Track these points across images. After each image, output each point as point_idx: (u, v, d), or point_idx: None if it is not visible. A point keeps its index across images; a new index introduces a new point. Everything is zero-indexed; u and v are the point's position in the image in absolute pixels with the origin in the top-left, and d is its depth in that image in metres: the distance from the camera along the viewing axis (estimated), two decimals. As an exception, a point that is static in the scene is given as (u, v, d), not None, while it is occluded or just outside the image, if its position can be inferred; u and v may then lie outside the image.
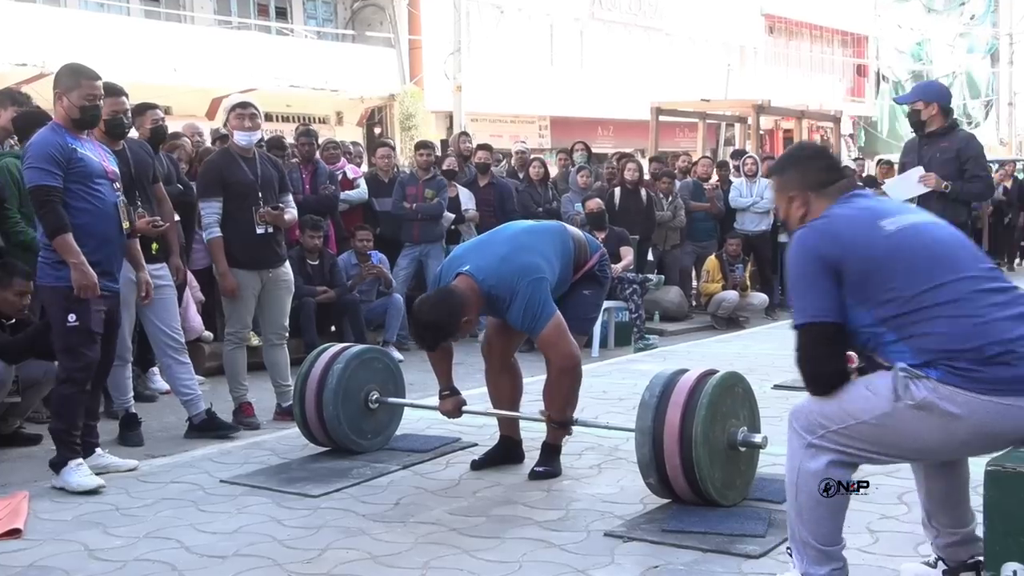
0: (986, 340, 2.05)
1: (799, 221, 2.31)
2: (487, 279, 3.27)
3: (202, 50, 13.41)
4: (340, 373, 3.70)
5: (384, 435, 3.90)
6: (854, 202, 2.26)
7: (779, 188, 2.36)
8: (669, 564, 2.60)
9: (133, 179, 4.02)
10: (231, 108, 4.46)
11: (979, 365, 2.04)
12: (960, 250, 2.19)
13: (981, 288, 2.11)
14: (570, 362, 3.30)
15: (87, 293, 3.35)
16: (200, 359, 5.68)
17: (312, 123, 12.79)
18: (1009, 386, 2.03)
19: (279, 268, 4.49)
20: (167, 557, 2.74)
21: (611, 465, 3.62)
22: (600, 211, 7.10)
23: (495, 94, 16.70)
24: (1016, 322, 2.09)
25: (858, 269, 2.13)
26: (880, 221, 2.18)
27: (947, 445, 2.13)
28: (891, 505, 3.05)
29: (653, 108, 12.55)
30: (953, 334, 2.06)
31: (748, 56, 23.68)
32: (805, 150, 2.49)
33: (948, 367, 2.05)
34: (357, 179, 7.07)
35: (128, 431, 4.15)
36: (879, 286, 2.12)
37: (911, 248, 2.14)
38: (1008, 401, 2.04)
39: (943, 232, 2.23)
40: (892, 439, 2.12)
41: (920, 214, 2.32)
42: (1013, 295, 2.15)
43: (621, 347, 6.86)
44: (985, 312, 2.08)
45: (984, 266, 2.19)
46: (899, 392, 2.08)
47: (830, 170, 2.33)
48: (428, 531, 2.92)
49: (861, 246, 2.15)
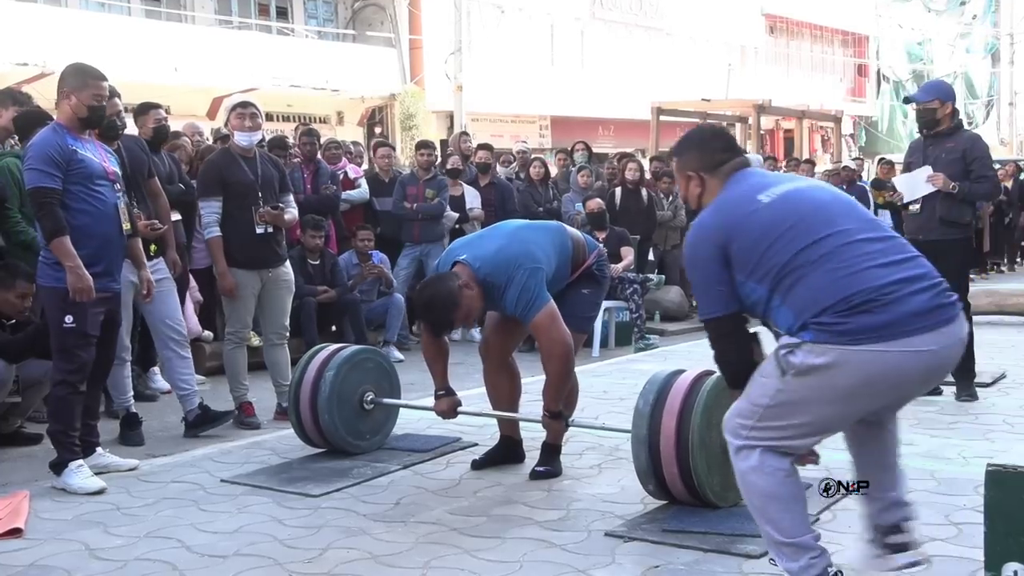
0: (852, 290, 2.08)
1: (697, 199, 2.41)
2: (483, 267, 3.30)
3: (203, 50, 13.42)
4: (332, 380, 3.67)
5: (382, 433, 3.89)
6: (741, 181, 2.34)
7: (679, 168, 2.46)
8: (670, 564, 2.60)
9: (128, 176, 4.02)
10: (231, 108, 4.47)
11: (844, 316, 2.07)
12: (834, 205, 2.24)
13: (853, 239, 2.15)
14: (561, 348, 3.30)
15: (82, 297, 3.35)
16: (200, 359, 5.68)
17: (313, 123, 12.72)
18: (876, 332, 2.05)
19: (279, 268, 4.49)
20: (168, 556, 2.74)
21: (611, 465, 3.62)
22: (601, 211, 7.10)
23: (496, 94, 16.70)
24: (886, 269, 2.12)
25: (741, 246, 2.21)
26: (758, 195, 2.25)
27: (846, 404, 2.14)
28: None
29: (654, 108, 12.56)
30: (821, 287, 2.11)
31: (749, 56, 23.68)
32: (703, 132, 2.54)
33: (816, 325, 2.10)
34: (358, 179, 7.07)
35: (129, 430, 4.15)
36: (761, 256, 2.18)
37: (784, 213, 2.20)
38: (879, 347, 2.05)
39: (819, 193, 2.29)
40: (796, 413, 2.15)
41: (800, 181, 2.37)
42: (889, 244, 2.19)
43: (622, 347, 6.86)
44: (854, 263, 2.12)
45: (862, 217, 2.23)
46: (783, 366, 2.14)
47: (725, 150, 2.40)
48: (429, 531, 2.92)
49: (740, 225, 2.22)
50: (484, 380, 3.70)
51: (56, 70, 3.61)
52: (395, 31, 16.51)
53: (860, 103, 27.23)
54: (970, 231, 4.78)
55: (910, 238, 4.86)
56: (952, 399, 4.67)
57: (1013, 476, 2.05)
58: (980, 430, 4.11)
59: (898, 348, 2.06)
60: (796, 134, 15.08)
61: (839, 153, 14.61)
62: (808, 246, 2.15)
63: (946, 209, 4.58)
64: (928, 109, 4.58)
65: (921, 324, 2.08)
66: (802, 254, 2.15)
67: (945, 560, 2.59)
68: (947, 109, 4.59)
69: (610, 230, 7.08)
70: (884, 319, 2.06)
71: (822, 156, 19.60)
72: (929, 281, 2.14)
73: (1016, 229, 12.64)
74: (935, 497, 3.14)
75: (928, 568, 2.46)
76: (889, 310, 2.06)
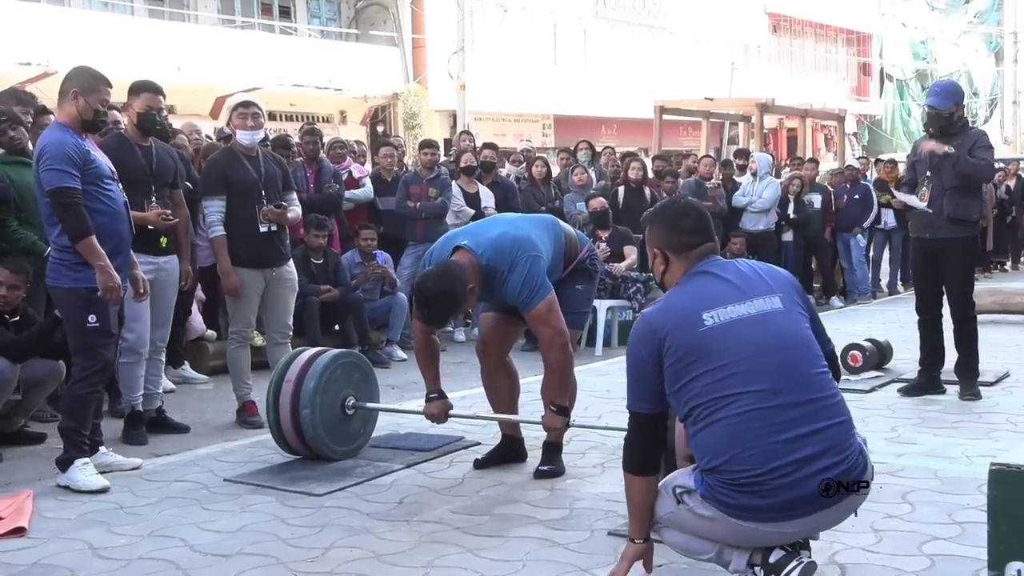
0: (743, 466, 2.13)
1: (660, 276, 2.40)
2: (486, 252, 3.27)
3: (206, 49, 13.44)
4: (315, 385, 3.53)
5: (365, 434, 3.80)
6: (699, 281, 2.28)
7: (648, 240, 2.42)
8: (672, 563, 2.59)
9: (152, 175, 4.03)
10: (233, 108, 4.48)
11: (730, 490, 2.15)
12: (771, 354, 2.18)
13: (768, 405, 2.14)
14: (561, 338, 3.30)
15: (112, 295, 3.36)
16: (203, 358, 5.69)
17: (316, 122, 12.72)
18: (755, 513, 2.14)
19: (283, 267, 4.49)
20: (171, 556, 2.74)
21: (614, 464, 3.59)
22: (604, 210, 7.09)
23: (499, 93, 16.70)
24: (788, 446, 2.12)
25: (672, 362, 2.21)
26: (704, 313, 2.21)
27: (721, 539, 2.24)
28: (895, 504, 3.05)
29: (657, 107, 12.53)
30: (720, 444, 2.15)
31: (752, 55, 23.64)
32: (675, 210, 2.42)
33: (708, 482, 2.19)
34: (363, 178, 7.07)
35: (132, 429, 4.14)
36: (685, 383, 2.20)
37: (719, 347, 2.18)
38: (754, 525, 2.15)
39: (764, 332, 2.20)
40: (685, 529, 2.28)
41: (753, 304, 2.24)
42: (806, 410, 2.15)
43: (624, 346, 6.83)
44: (759, 433, 2.12)
45: (794, 372, 2.17)
46: (677, 498, 2.26)
47: (693, 233, 2.34)
48: (432, 530, 2.91)
49: (678, 341, 2.21)
50: (482, 381, 3.69)
51: (59, 70, 3.65)
52: (398, 30, 16.51)
53: (864, 102, 27.19)
54: (976, 229, 4.77)
55: (916, 236, 4.87)
56: (956, 398, 4.66)
57: (1017, 475, 2.04)
58: (984, 429, 4.09)
59: (772, 528, 2.16)
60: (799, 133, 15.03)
61: (842, 152, 14.58)
62: (724, 397, 2.15)
63: (954, 207, 4.57)
64: (946, 114, 4.58)
65: (802, 509, 2.14)
66: (717, 402, 2.16)
67: (948, 559, 2.59)
68: (960, 111, 4.63)
69: (613, 229, 7.07)
70: (766, 503, 2.13)
71: (825, 155, 19.59)
72: (831, 459, 2.14)
73: (1019, 228, 12.61)
74: (938, 496, 3.13)
75: (932, 567, 2.46)
76: (773, 495, 2.12)
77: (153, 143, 4.12)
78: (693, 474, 2.25)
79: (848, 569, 2.53)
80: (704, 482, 2.20)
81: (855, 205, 9.39)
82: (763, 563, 2.21)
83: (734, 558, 2.25)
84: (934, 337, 4.75)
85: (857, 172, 9.92)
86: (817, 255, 9.24)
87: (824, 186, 9.49)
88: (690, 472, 2.28)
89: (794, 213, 8.78)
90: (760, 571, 2.22)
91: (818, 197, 9.08)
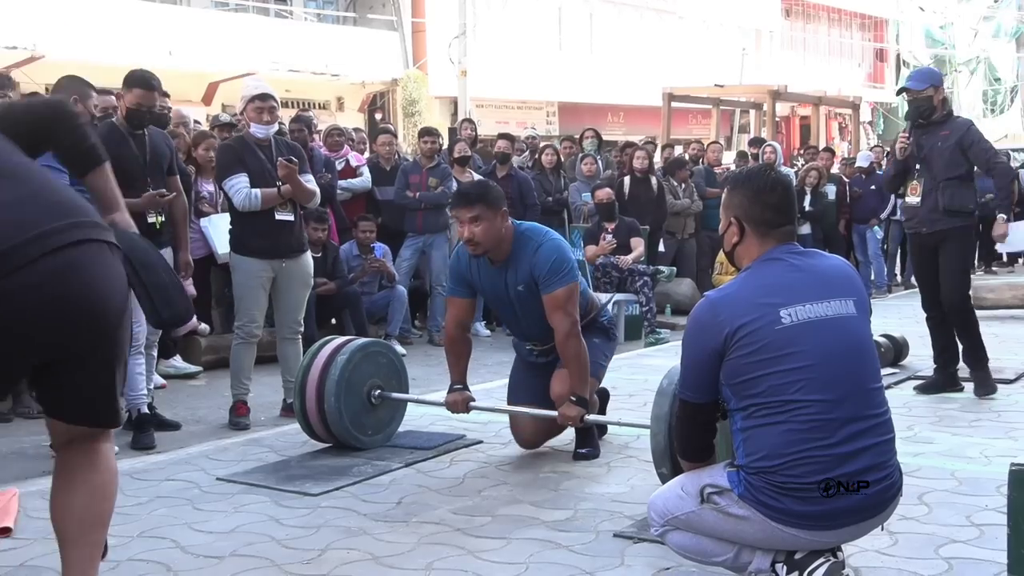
0: (795, 472, 2.09)
1: (731, 247, 2.30)
2: (523, 224, 3.47)
3: (198, 33, 13.20)
4: (344, 365, 3.62)
5: (385, 433, 3.81)
6: (774, 267, 2.19)
7: (725, 204, 2.32)
8: (680, 566, 2.53)
9: (147, 164, 3.99)
10: (249, 99, 4.33)
11: (776, 493, 2.10)
12: (844, 361, 2.13)
13: (831, 417, 2.10)
14: (575, 327, 3.36)
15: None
16: (196, 352, 5.59)
17: (312, 109, 12.59)
18: (798, 519, 2.11)
19: (296, 259, 4.37)
20: (162, 557, 2.68)
21: (621, 463, 3.55)
22: (610, 201, 6.98)
23: (501, 79, 16.53)
24: (840, 462, 2.08)
25: (740, 353, 2.13)
26: (781, 310, 2.14)
27: (749, 541, 2.20)
28: (911, 506, 2.97)
29: (665, 94, 12.41)
30: (774, 447, 2.10)
31: (764, 40, 23.42)
32: (761, 179, 2.28)
33: (750, 481, 2.13)
34: (361, 167, 6.95)
35: (140, 432, 3.95)
36: (748, 378, 2.13)
37: (795, 348, 2.11)
38: (794, 531, 2.12)
39: (839, 337, 2.15)
40: (703, 530, 2.24)
41: (831, 306, 2.17)
42: (860, 427, 2.11)
43: (631, 341, 6.76)
44: (815, 443, 2.08)
45: (859, 383, 2.13)
46: (703, 497, 2.20)
47: (777, 210, 2.23)
48: (432, 531, 2.86)
49: (751, 334, 2.12)
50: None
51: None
52: (397, 14, 16.31)
53: (879, 89, 26.86)
54: (972, 220, 4.66)
55: (912, 232, 4.76)
56: (972, 395, 4.57)
57: (1037, 477, 1.98)
58: (1003, 428, 4.02)
59: (810, 536, 2.13)
60: (813, 121, 14.90)
61: (857, 141, 14.44)
62: (791, 402, 2.10)
63: (949, 198, 4.48)
64: (924, 98, 4.47)
65: (844, 520, 2.13)
66: (782, 405, 2.10)
67: (966, 563, 2.53)
68: (940, 95, 4.51)
69: (619, 220, 6.96)
70: (810, 510, 2.10)
71: (839, 144, 19.39)
72: (875, 475, 2.12)
73: None
74: (956, 497, 3.07)
75: (949, 571, 2.38)
76: (819, 503, 2.09)
77: (147, 130, 4.05)
78: (726, 472, 2.18)
79: (863, 573, 2.49)
80: (745, 481, 2.13)
81: (872, 196, 9.22)
82: (787, 560, 2.17)
83: (756, 558, 2.20)
84: (944, 334, 4.66)
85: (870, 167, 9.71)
86: (831, 249, 9.12)
87: (839, 176, 9.34)
88: (722, 470, 2.20)
89: (811, 206, 8.62)
90: (783, 568, 2.17)
91: (833, 188, 8.94)
